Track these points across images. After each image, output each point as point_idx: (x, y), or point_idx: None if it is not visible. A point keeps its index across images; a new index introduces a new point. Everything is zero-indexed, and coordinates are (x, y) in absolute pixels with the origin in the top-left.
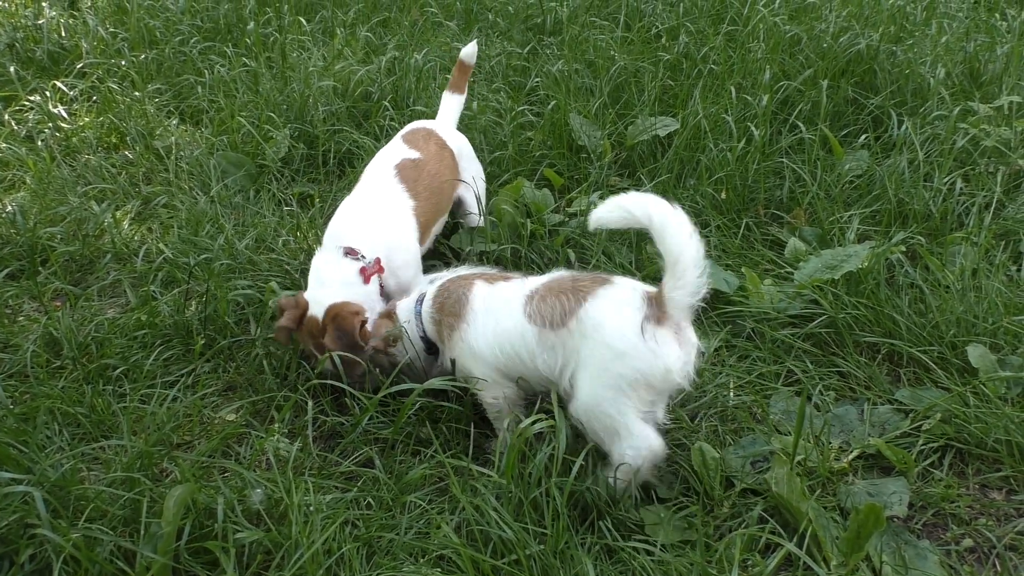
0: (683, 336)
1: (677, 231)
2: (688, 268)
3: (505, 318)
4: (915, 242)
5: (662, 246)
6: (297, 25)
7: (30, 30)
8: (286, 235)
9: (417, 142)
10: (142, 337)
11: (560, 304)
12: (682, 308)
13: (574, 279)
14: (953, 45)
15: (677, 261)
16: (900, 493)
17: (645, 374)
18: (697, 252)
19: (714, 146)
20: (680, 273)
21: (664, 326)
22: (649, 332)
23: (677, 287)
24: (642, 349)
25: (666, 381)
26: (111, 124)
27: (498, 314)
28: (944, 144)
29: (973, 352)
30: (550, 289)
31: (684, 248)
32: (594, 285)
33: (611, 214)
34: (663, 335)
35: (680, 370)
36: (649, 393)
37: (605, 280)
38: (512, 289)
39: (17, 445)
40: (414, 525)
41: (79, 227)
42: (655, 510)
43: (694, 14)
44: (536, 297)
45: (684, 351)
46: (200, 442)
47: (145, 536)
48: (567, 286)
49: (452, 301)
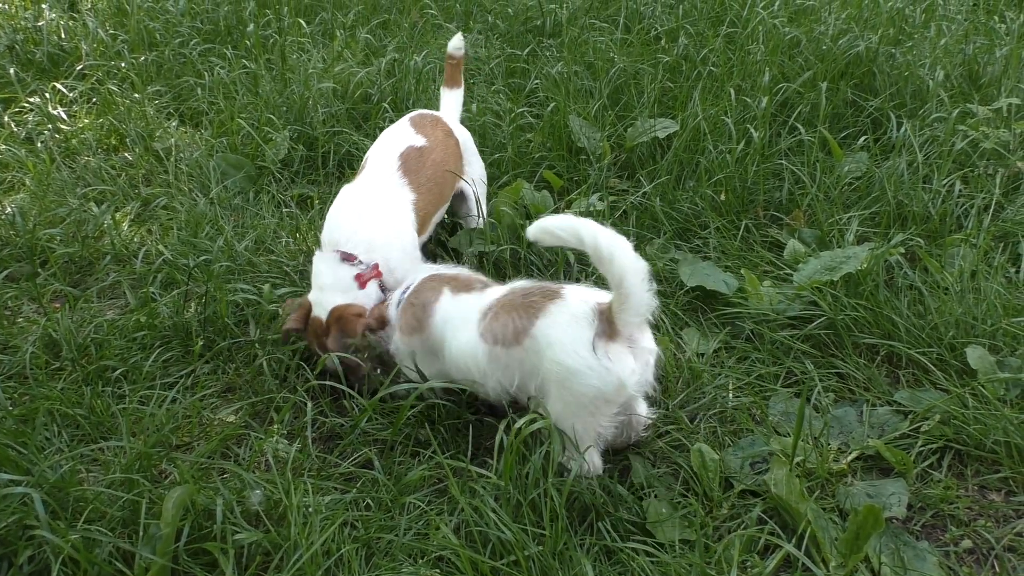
0: (638, 346)
1: (617, 254)
2: (633, 290)
3: (461, 336)
4: (914, 244)
5: (603, 270)
6: (297, 27)
7: (30, 32)
8: (286, 237)
9: (424, 127)
10: (141, 338)
11: (512, 322)
12: (632, 325)
13: (525, 294)
14: (952, 47)
15: (621, 284)
16: (899, 494)
17: (600, 390)
18: (641, 273)
19: (713, 148)
20: (626, 295)
21: (616, 341)
22: (601, 349)
23: (624, 308)
24: (595, 366)
25: (622, 394)
26: (111, 126)
27: (455, 332)
28: (943, 146)
29: (972, 354)
30: (503, 306)
31: (627, 271)
32: (544, 301)
33: (542, 236)
34: (615, 350)
35: (635, 383)
36: (609, 407)
37: (555, 294)
38: (471, 304)
39: (16, 447)
40: (413, 526)
41: (78, 228)
42: (657, 506)
43: (693, 16)
44: (490, 314)
45: (640, 362)
46: (199, 443)
47: (144, 537)
48: (519, 302)
49: (419, 306)
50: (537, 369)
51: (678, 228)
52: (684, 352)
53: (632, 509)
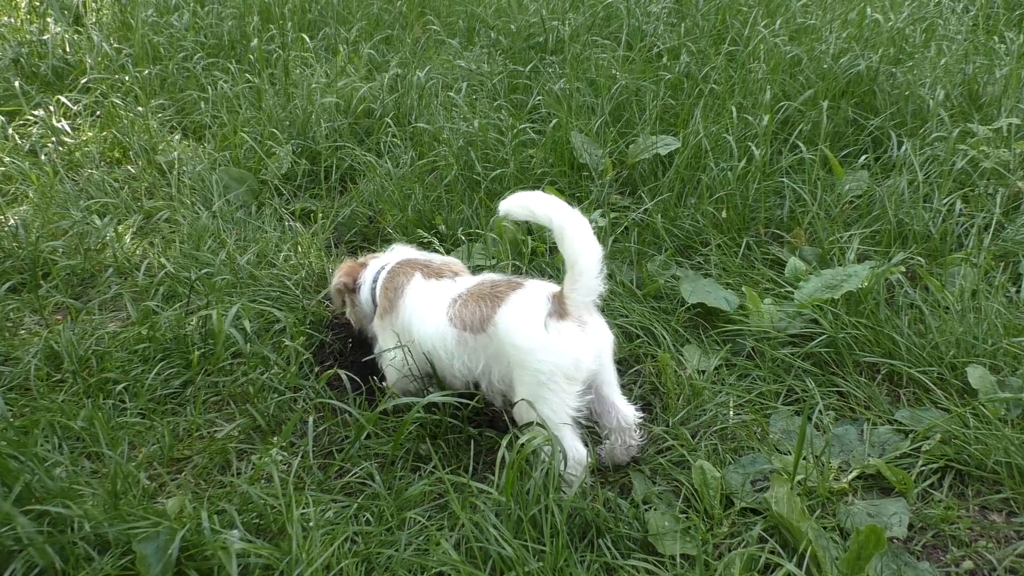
0: (588, 327)
1: (576, 235)
2: (585, 271)
3: (429, 320)
4: (914, 263)
5: (562, 248)
6: (300, 42)
7: (35, 45)
8: (287, 251)
9: None
10: (143, 351)
11: (479, 310)
12: (581, 305)
13: (493, 285)
14: (952, 67)
15: (575, 264)
16: (900, 514)
17: (556, 365)
18: (594, 257)
19: (715, 165)
20: (577, 275)
21: (566, 320)
22: (552, 327)
23: (575, 288)
24: (547, 343)
25: (578, 369)
26: (114, 139)
27: (424, 315)
28: (944, 165)
29: (973, 373)
30: (472, 294)
31: (582, 252)
32: (508, 291)
33: (517, 209)
34: (566, 327)
35: (588, 356)
36: (570, 384)
37: (518, 285)
38: (442, 291)
39: (18, 456)
40: (413, 541)
41: (81, 241)
42: (659, 518)
43: (695, 34)
44: (459, 301)
45: (590, 339)
46: (199, 457)
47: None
48: (487, 292)
49: (393, 287)
50: (500, 354)
51: (679, 245)
52: (685, 369)
53: (632, 525)
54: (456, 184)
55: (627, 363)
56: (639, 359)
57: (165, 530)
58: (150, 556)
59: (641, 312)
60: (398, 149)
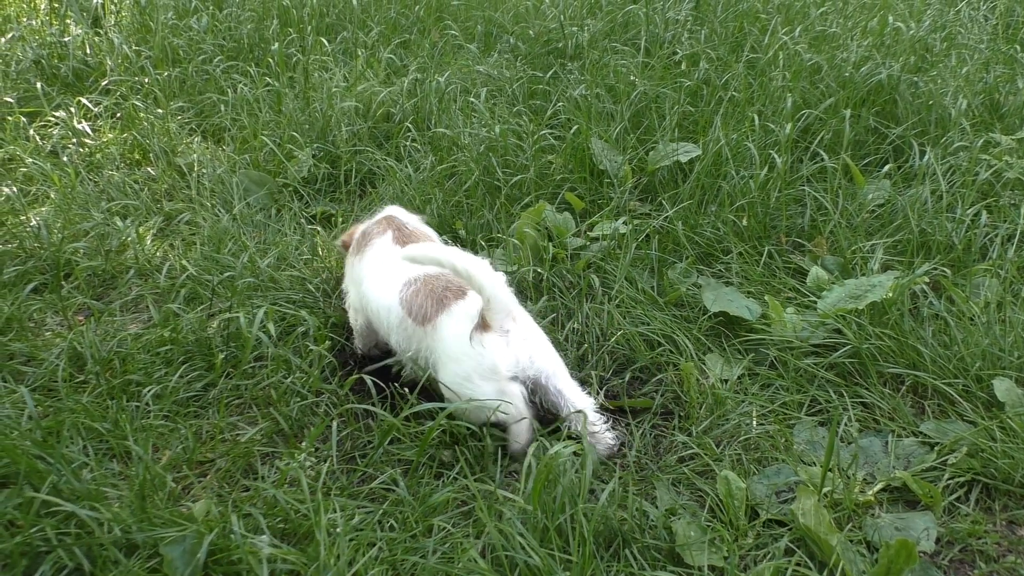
0: (510, 334)
1: (481, 275)
2: (493, 298)
3: (381, 287)
4: (938, 273)
5: (471, 283)
6: (319, 46)
7: (56, 47)
8: (307, 254)
9: None
10: (165, 353)
11: (426, 306)
12: (499, 319)
13: (446, 285)
14: (973, 76)
15: (486, 296)
16: (928, 528)
17: (476, 371)
18: (499, 283)
19: (735, 173)
20: (488, 299)
21: (489, 332)
22: (476, 339)
23: (490, 309)
24: (470, 352)
25: (496, 373)
26: (134, 141)
27: (378, 280)
28: (966, 175)
29: (999, 386)
30: (426, 284)
31: (487, 286)
32: (453, 298)
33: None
34: (488, 339)
35: (506, 363)
36: (488, 384)
37: (462, 294)
38: (408, 271)
39: (45, 457)
40: (439, 548)
41: (102, 242)
42: (686, 528)
43: (714, 41)
44: (413, 287)
45: (512, 348)
46: (222, 460)
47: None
48: (439, 291)
49: (365, 235)
50: (432, 350)
51: (700, 253)
52: (707, 378)
53: (659, 535)
54: (476, 189)
55: (649, 371)
56: (661, 367)
57: (192, 534)
58: (177, 560)
59: (663, 320)
60: (418, 154)
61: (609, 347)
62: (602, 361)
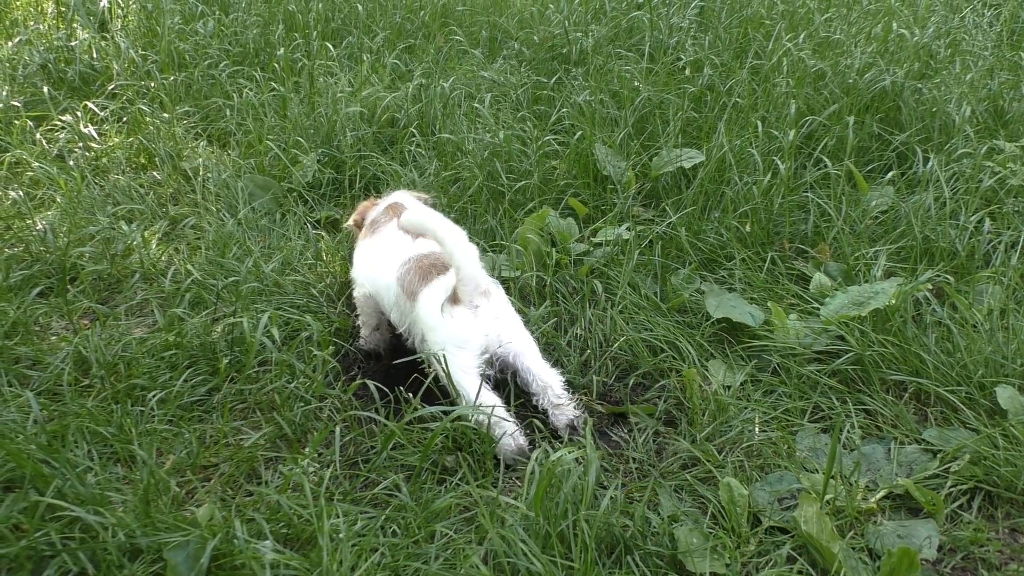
0: (479, 309)
1: (455, 244)
2: (464, 268)
3: (384, 268)
4: (941, 280)
5: (445, 252)
6: (324, 51)
7: (62, 51)
8: (312, 259)
9: None
10: (170, 357)
11: (415, 281)
12: (471, 293)
13: (433, 263)
14: (977, 83)
15: (458, 267)
16: (930, 536)
17: (450, 340)
18: (471, 256)
19: (739, 179)
20: (459, 271)
21: (459, 305)
22: (447, 310)
23: (460, 281)
24: (442, 323)
25: (467, 343)
26: (140, 145)
27: (382, 261)
28: (970, 182)
29: (1002, 393)
30: (418, 263)
31: (459, 254)
32: (435, 273)
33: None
34: (458, 311)
35: (475, 335)
36: (461, 352)
37: (444, 270)
38: (405, 246)
39: (50, 461)
40: (441, 554)
41: (107, 246)
42: (688, 535)
43: (718, 47)
44: (408, 265)
45: (479, 320)
46: (226, 465)
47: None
48: (426, 268)
49: (375, 222)
50: (416, 321)
51: (703, 259)
52: (710, 384)
53: (661, 541)
54: (480, 195)
55: (652, 377)
56: (664, 374)
57: (196, 539)
58: (180, 565)
59: (666, 326)
60: (422, 159)
61: (612, 353)
62: (605, 367)
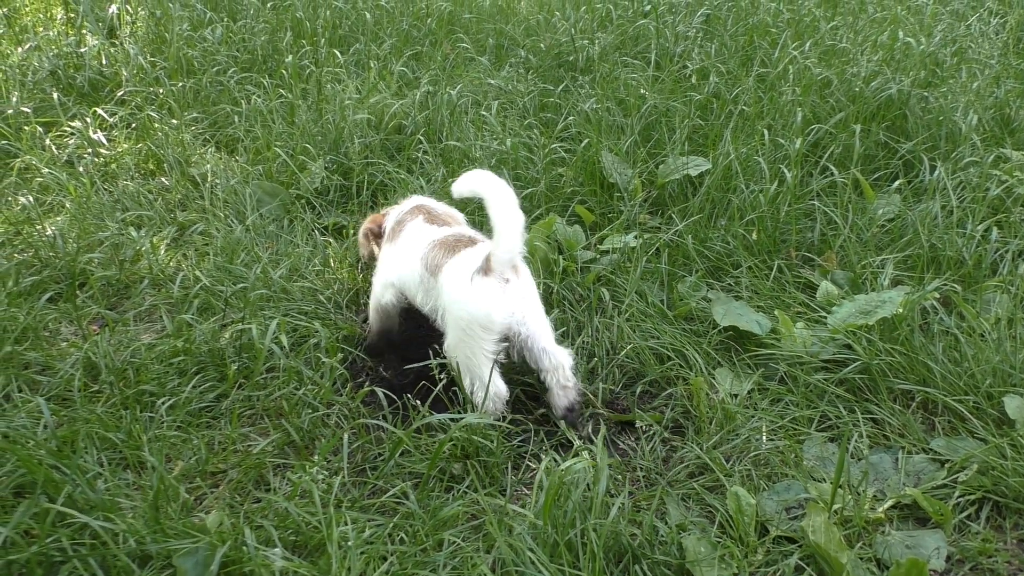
0: (510, 286)
1: (501, 204)
2: (505, 233)
3: (411, 258)
4: (948, 289)
5: (491, 214)
6: (332, 58)
7: (72, 58)
8: (320, 265)
9: None
10: (178, 364)
11: (438, 257)
12: (503, 264)
13: (458, 239)
14: (984, 91)
15: (499, 227)
16: (939, 546)
17: (474, 315)
18: (516, 223)
19: (745, 187)
20: (499, 236)
21: (489, 276)
22: (476, 281)
23: (499, 248)
24: (469, 294)
25: (490, 321)
26: (149, 151)
27: (410, 250)
28: (977, 191)
29: (1010, 403)
30: (442, 242)
31: (506, 218)
32: (462, 247)
33: (462, 189)
34: (487, 283)
35: (500, 311)
36: (486, 333)
37: (472, 243)
38: (429, 234)
39: (61, 467)
40: (449, 562)
41: (116, 252)
42: (696, 543)
43: (724, 55)
44: (433, 246)
45: (508, 297)
46: (234, 471)
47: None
48: (451, 243)
49: (400, 223)
50: (439, 296)
51: (710, 267)
52: (717, 393)
53: (669, 551)
54: None
55: (659, 385)
56: (671, 382)
57: (205, 546)
58: (190, 571)
59: (672, 334)
60: (429, 166)
61: (619, 361)
62: (612, 375)
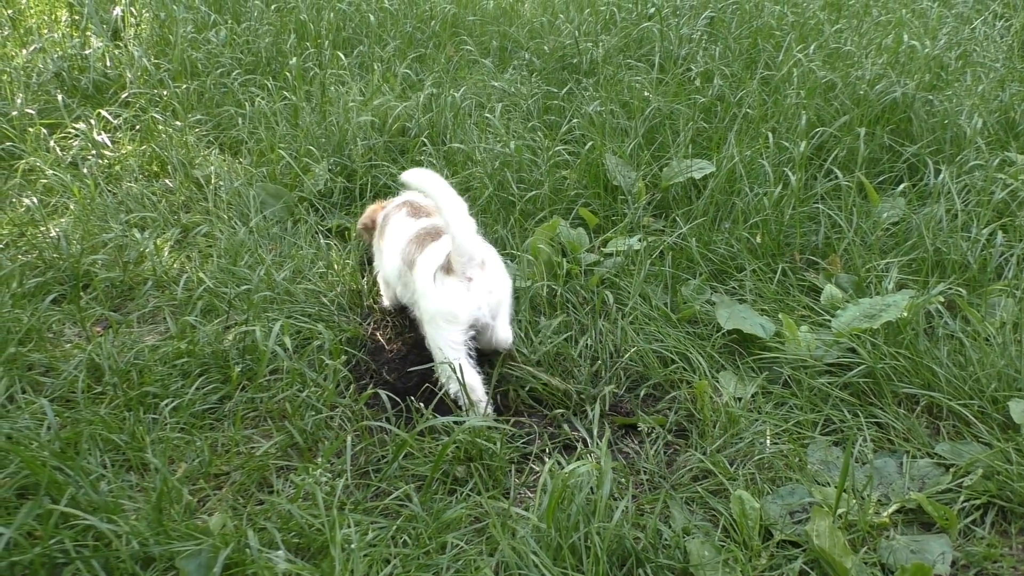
0: (472, 282)
1: (453, 214)
2: (459, 238)
3: (393, 248)
4: (953, 292)
5: (442, 218)
6: (336, 60)
7: (76, 59)
8: (323, 267)
9: None
10: (182, 365)
11: (413, 251)
12: (463, 265)
13: (428, 232)
14: (989, 94)
15: (453, 232)
16: (944, 551)
17: (438, 310)
18: (468, 228)
19: (749, 190)
20: (454, 241)
21: (451, 275)
22: (439, 279)
23: (455, 251)
24: (433, 290)
25: (453, 315)
26: (153, 153)
27: (393, 243)
28: (982, 194)
29: (1015, 407)
30: (418, 235)
31: (456, 225)
32: (430, 241)
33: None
34: (449, 281)
35: (464, 308)
36: (451, 326)
37: (437, 237)
38: (411, 227)
39: (64, 469)
40: (452, 566)
41: (120, 254)
42: (700, 547)
43: (728, 58)
44: (411, 239)
45: (472, 295)
46: (237, 473)
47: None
48: (424, 236)
49: (387, 217)
50: (414, 290)
51: (714, 270)
52: (721, 396)
53: (673, 555)
54: (490, 204)
55: (662, 388)
56: (675, 385)
57: (208, 548)
58: (193, 573)
59: (676, 337)
60: (433, 168)
61: (623, 364)
62: (616, 377)
